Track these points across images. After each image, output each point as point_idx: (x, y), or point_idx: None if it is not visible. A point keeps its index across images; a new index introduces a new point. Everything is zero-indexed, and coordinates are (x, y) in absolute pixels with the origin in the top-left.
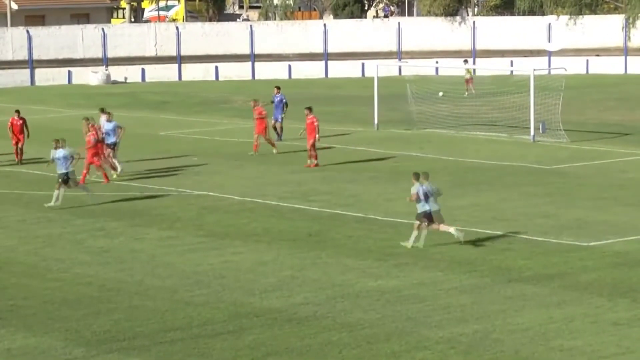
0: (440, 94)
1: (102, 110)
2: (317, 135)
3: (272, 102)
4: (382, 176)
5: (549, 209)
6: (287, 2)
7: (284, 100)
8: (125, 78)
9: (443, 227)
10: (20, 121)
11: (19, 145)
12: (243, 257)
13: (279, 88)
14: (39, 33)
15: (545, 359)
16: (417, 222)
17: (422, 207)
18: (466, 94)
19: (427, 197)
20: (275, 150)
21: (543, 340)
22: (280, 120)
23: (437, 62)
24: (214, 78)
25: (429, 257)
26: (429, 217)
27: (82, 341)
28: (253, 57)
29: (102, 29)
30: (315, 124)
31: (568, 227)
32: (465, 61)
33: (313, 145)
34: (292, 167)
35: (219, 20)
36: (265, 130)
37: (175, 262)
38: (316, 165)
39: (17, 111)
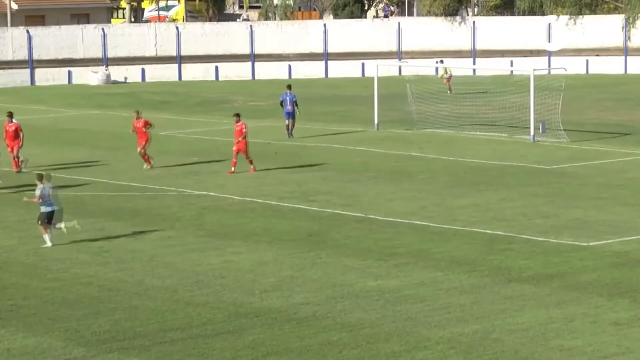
0: (438, 62)
1: (9, 114)
2: (245, 140)
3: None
4: (382, 176)
5: (549, 209)
6: (287, 2)
7: (286, 100)
8: (125, 78)
9: (57, 225)
10: (13, 126)
11: (14, 152)
12: (243, 257)
13: (289, 87)
14: (39, 33)
15: (545, 359)
16: (42, 226)
17: (45, 208)
18: (449, 92)
19: (49, 197)
20: (146, 166)
21: (543, 340)
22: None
23: (437, 62)
24: (214, 78)
25: (429, 257)
26: (50, 217)
27: (82, 341)
28: (253, 57)
29: (102, 29)
30: (244, 130)
31: (568, 227)
32: (441, 61)
33: (246, 152)
34: (292, 167)
35: (219, 20)
36: (145, 143)
37: (175, 262)
38: (254, 169)
39: (10, 114)
